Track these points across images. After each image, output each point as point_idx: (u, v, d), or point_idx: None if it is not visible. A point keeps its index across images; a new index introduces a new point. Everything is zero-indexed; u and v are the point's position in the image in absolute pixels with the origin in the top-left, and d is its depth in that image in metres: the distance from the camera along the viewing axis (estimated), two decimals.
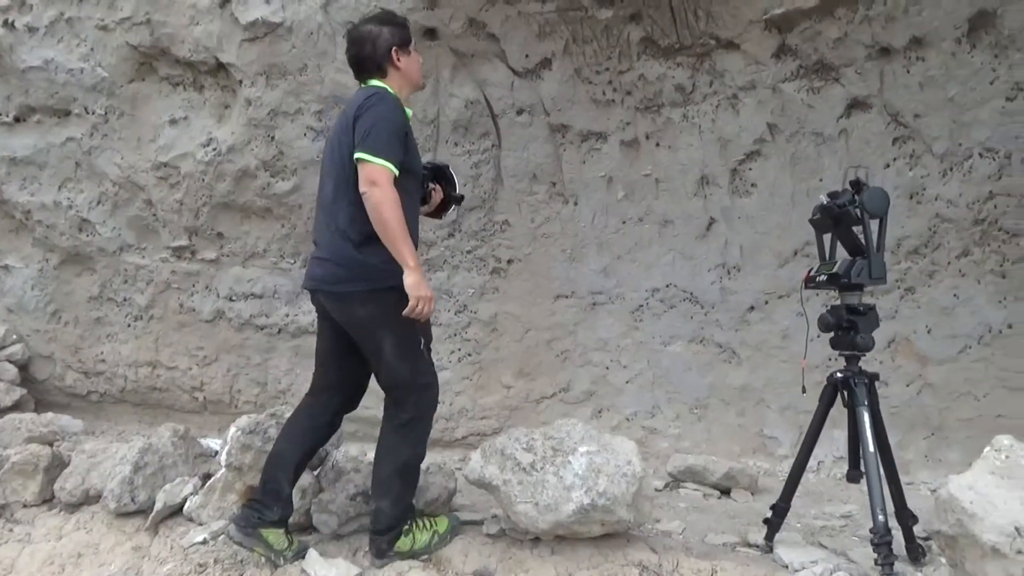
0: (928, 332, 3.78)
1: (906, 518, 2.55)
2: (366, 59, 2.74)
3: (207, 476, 3.45)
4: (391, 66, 2.75)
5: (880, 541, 2.28)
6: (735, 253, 4.09)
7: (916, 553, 2.54)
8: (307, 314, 4.57)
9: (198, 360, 4.80)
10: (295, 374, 4.66)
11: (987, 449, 2.05)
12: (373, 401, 4.57)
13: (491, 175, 4.29)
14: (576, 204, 4.27)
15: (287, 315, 4.60)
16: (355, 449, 3.72)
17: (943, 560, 2.19)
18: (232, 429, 3.25)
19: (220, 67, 4.24)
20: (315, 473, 3.22)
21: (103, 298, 4.90)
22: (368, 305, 2.61)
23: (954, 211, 3.62)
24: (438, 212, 3.17)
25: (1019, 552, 1.81)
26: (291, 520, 2.90)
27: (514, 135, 4.19)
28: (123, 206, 4.66)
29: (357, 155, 2.54)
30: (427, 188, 3.01)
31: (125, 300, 4.85)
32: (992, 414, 3.67)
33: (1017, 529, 1.82)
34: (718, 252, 4.13)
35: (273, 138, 4.23)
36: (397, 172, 2.55)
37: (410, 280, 2.54)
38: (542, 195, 4.28)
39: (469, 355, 4.51)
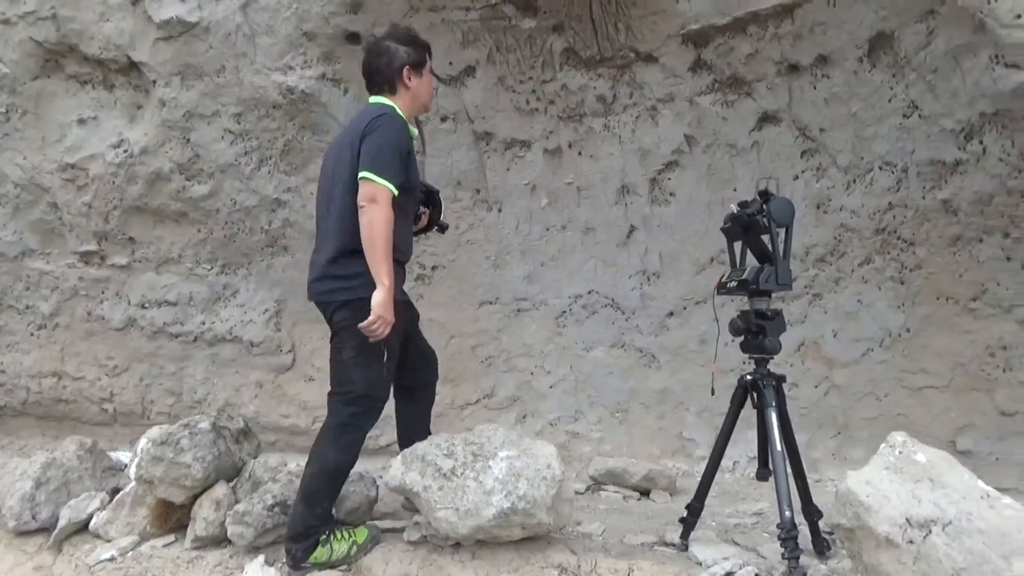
0: (834, 336, 3.97)
1: (812, 513, 2.66)
2: (378, 72, 2.84)
3: (116, 490, 3.32)
4: (401, 84, 2.84)
5: (787, 536, 2.38)
6: (655, 260, 4.19)
7: (821, 546, 2.66)
8: (224, 322, 4.46)
9: (108, 370, 4.61)
10: (212, 383, 4.53)
11: (883, 446, 2.17)
12: (293, 409, 4.51)
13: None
14: (500, 211, 4.30)
15: (203, 323, 4.46)
16: (275, 459, 3.64)
17: (845, 552, 2.30)
18: (143, 441, 3.14)
19: (132, 66, 4.09)
20: (231, 484, 3.13)
21: (3, 305, 4.65)
22: (343, 311, 2.71)
23: (857, 221, 3.81)
24: (418, 232, 3.21)
25: (910, 542, 1.92)
26: (205, 534, 2.82)
27: (438, 142, 4.19)
28: (25, 209, 4.43)
29: (362, 174, 2.61)
30: (419, 210, 3.07)
31: (27, 308, 4.62)
32: (892, 413, 3.87)
33: (908, 520, 1.94)
34: (638, 259, 4.23)
35: (189, 140, 4.11)
36: (397, 192, 2.65)
37: (379, 297, 2.60)
38: (466, 202, 4.29)
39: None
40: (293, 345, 4.50)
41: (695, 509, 2.77)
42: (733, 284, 2.68)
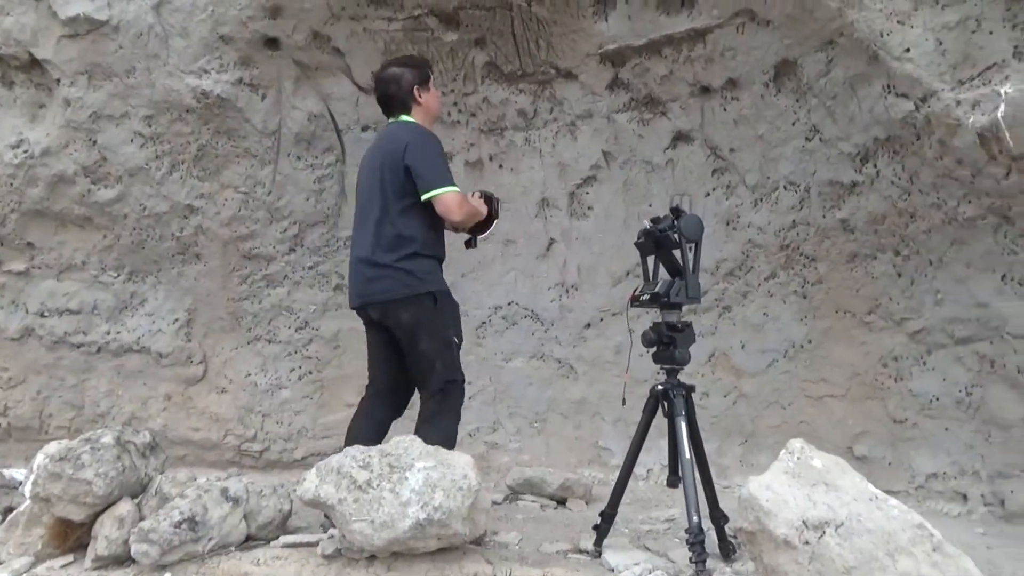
0: (742, 347, 4.14)
1: (718, 518, 2.77)
2: (393, 97, 3.13)
3: (9, 509, 3.14)
4: (414, 102, 3.14)
5: (694, 540, 2.47)
6: (573, 272, 4.28)
7: (727, 550, 2.77)
8: (131, 331, 4.29)
9: (2, 382, 4.35)
10: (116, 395, 4.34)
11: (782, 452, 2.27)
12: (204, 422, 4.37)
13: (335, 190, 4.23)
14: None
15: (107, 332, 4.28)
16: (183, 474, 3.51)
17: (748, 554, 2.40)
18: (39, 457, 2.98)
19: (34, 63, 3.91)
20: (136, 501, 3.01)
21: None
22: (410, 309, 2.97)
23: (763, 237, 4.00)
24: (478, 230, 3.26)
25: (806, 543, 2.03)
26: (106, 553, 2.70)
27: (359, 151, 4.15)
28: None
29: (426, 196, 2.91)
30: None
31: None
32: (796, 421, 4.06)
33: (804, 522, 2.04)
34: (557, 271, 4.31)
35: (95, 142, 3.95)
36: (458, 188, 2.96)
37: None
38: None
39: (310, 373, 4.41)
40: (205, 356, 4.36)
41: (608, 516, 2.84)
42: (646, 297, 2.77)
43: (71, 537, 2.98)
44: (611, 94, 3.99)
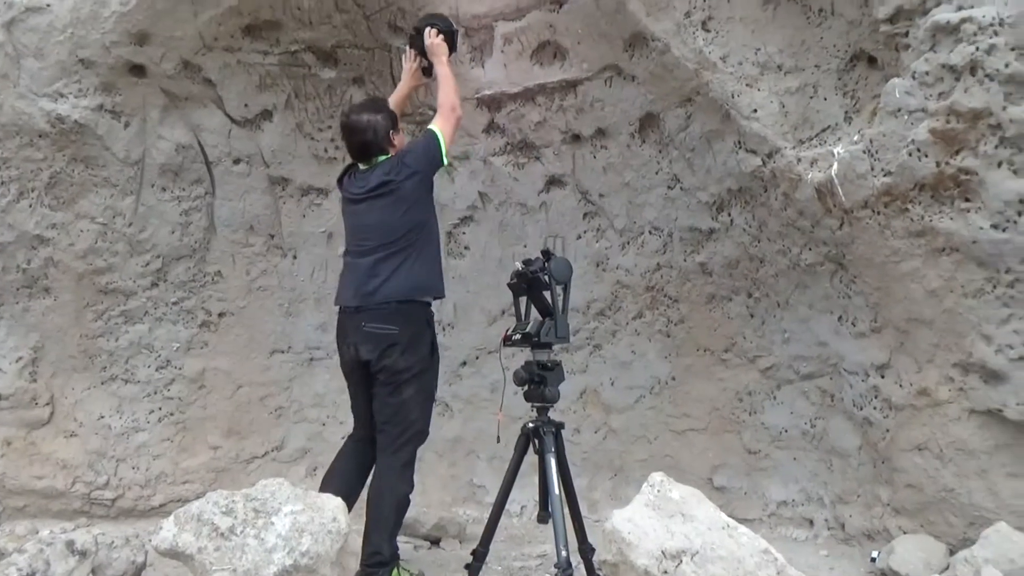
0: (612, 384, 4.29)
1: (587, 551, 2.85)
2: (370, 144, 3.18)
3: None
4: (389, 146, 3.21)
5: (562, 574, 2.53)
6: (449, 310, 4.31)
7: None
8: None
9: None
10: None
11: (644, 485, 2.39)
12: (48, 469, 4.03)
13: (203, 223, 4.09)
14: (295, 258, 4.23)
15: None
16: (23, 527, 3.23)
17: None
18: None
19: None
20: None
21: None
22: (407, 354, 3.01)
23: (631, 279, 4.19)
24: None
25: (665, 572, 2.13)
26: None
27: (230, 184, 4.06)
28: None
29: (432, 128, 3.21)
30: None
31: None
32: (662, 454, 4.24)
33: (663, 552, 2.15)
34: (434, 310, 4.31)
35: None
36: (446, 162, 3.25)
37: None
38: (259, 247, 4.17)
39: (171, 414, 4.18)
40: (52, 397, 4.04)
41: (480, 555, 2.86)
42: (518, 337, 2.85)
43: None
44: (488, 138, 4.10)
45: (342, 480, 3.08)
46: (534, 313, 2.99)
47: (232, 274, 4.16)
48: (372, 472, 3.11)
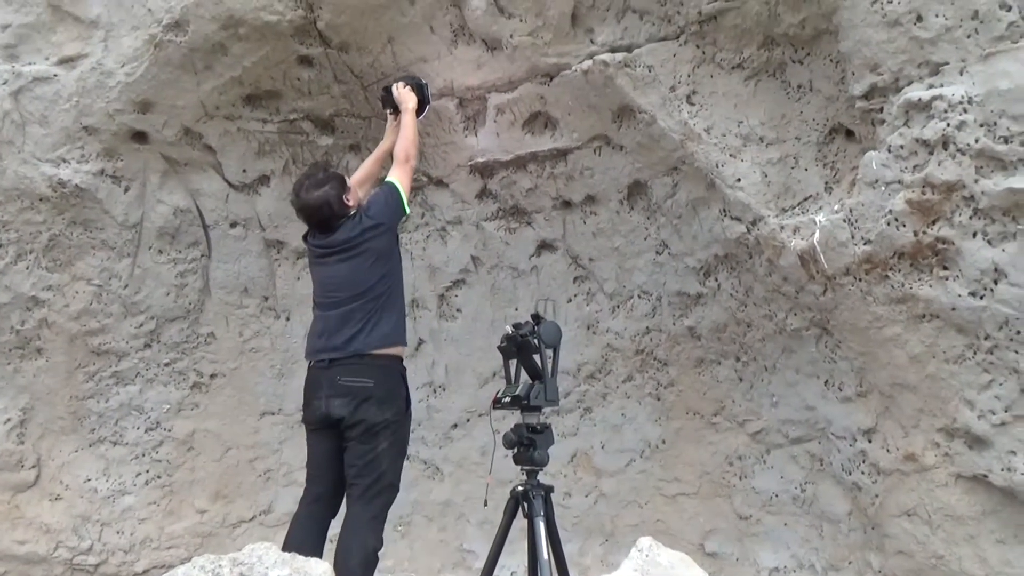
0: (602, 447, 4.29)
1: None
2: (331, 218, 3.25)
3: None
4: (347, 208, 3.28)
5: None
6: (441, 373, 4.34)
7: None
8: None
9: None
10: None
11: (633, 550, 2.38)
12: (32, 534, 3.98)
13: (198, 285, 4.14)
14: (288, 319, 4.27)
15: None
16: None
17: None
18: None
19: None
20: None
21: None
22: (383, 407, 3.07)
23: (621, 342, 4.23)
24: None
25: None
26: None
27: (226, 247, 4.13)
28: None
29: (390, 179, 3.41)
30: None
31: None
32: (652, 519, 4.21)
33: None
34: (426, 371, 4.35)
35: None
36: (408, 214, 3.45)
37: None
38: (252, 308, 4.22)
39: (159, 477, 4.15)
40: (39, 459, 4.02)
41: None
42: (507, 400, 2.88)
43: None
44: (480, 203, 4.20)
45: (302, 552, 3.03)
46: (524, 376, 3.02)
47: (225, 335, 4.19)
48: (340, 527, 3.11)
